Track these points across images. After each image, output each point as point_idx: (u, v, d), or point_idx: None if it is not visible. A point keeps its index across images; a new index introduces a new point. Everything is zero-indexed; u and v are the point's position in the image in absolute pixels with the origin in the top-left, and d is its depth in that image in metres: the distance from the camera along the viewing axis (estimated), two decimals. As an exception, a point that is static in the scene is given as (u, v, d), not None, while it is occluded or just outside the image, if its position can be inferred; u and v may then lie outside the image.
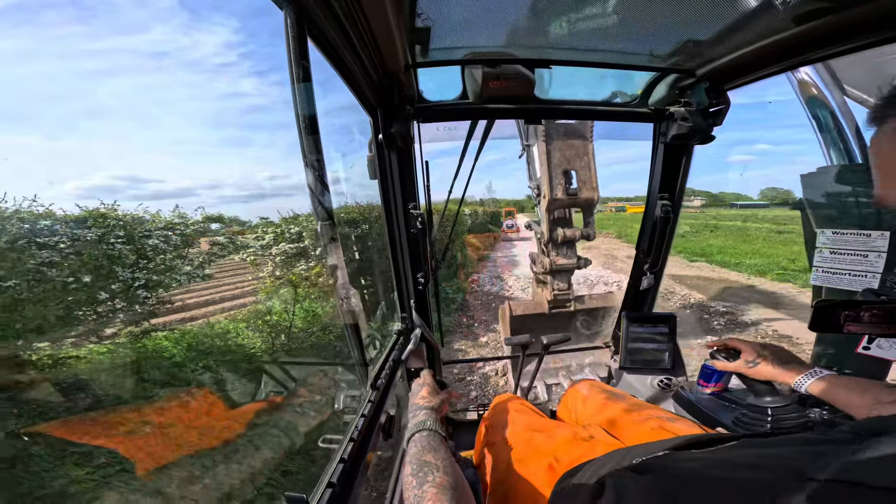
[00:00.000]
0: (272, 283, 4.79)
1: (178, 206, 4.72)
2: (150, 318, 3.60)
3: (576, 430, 0.95)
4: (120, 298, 3.32)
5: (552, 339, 1.74)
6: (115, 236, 3.48)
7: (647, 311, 1.78)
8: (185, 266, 4.35)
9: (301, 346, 4.19)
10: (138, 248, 3.74)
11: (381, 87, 1.10)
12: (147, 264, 3.78)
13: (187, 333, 3.69)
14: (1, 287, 2.54)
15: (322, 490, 0.68)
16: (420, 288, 1.58)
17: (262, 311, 4.47)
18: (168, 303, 4.01)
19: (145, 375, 2.83)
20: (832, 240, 1.35)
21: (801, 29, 0.85)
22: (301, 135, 0.62)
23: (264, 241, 5.10)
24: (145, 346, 3.22)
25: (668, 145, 1.41)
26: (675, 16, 0.91)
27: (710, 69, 1.12)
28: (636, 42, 1.05)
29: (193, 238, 4.68)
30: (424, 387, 0.90)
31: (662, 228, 1.54)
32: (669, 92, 1.29)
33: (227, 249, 5.37)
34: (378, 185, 1.34)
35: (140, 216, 4.09)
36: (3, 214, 2.89)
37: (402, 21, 0.82)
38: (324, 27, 0.71)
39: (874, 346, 1.28)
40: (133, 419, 2.36)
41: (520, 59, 1.13)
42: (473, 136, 1.52)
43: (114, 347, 3.02)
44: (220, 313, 4.72)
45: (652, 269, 1.65)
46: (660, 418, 0.94)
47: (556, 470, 0.79)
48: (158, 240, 4.01)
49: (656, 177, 1.51)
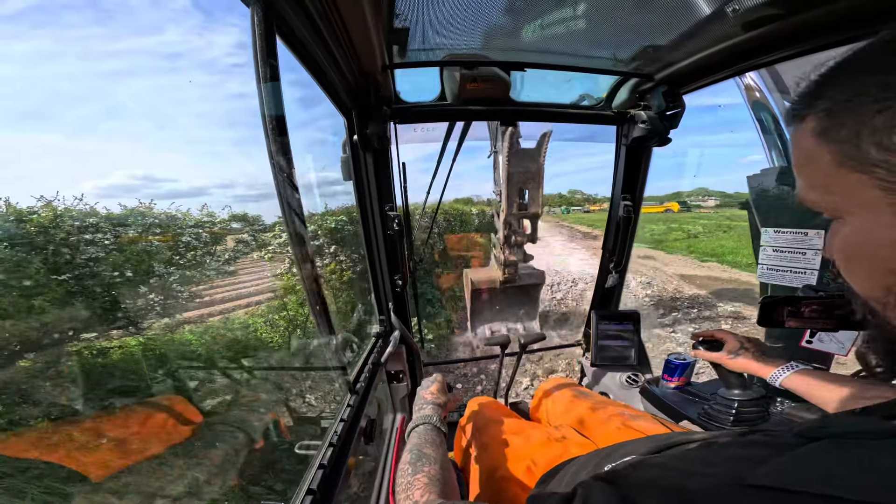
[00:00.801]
0: (289, 279, 4.81)
1: (206, 205, 4.96)
2: (182, 311, 3.71)
3: (549, 432, 0.98)
4: (157, 293, 3.47)
5: (529, 339, 1.78)
6: (152, 233, 3.70)
7: (614, 308, 1.84)
8: (214, 262, 4.58)
9: (299, 346, 4.12)
10: (174, 244, 3.96)
11: (357, 89, 1.09)
12: (179, 260, 3.97)
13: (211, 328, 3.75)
14: (57, 281, 2.66)
15: (302, 497, 0.66)
16: (398, 290, 1.57)
17: (279, 307, 4.50)
18: (198, 297, 4.16)
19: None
20: (774, 238, 1.44)
21: (751, 35, 0.91)
22: (268, 136, 0.60)
23: (282, 239, 5.23)
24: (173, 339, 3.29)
25: (629, 147, 1.46)
26: (637, 22, 0.96)
27: (667, 73, 1.18)
28: (602, 47, 1.10)
29: (221, 235, 4.92)
30: (435, 383, 0.93)
31: (625, 228, 1.58)
32: (631, 95, 1.34)
33: (251, 247, 5.55)
34: (353, 186, 1.32)
35: (173, 214, 4.30)
36: (56, 212, 3.01)
37: (381, 21, 0.81)
38: (295, 26, 0.69)
39: (816, 341, 1.34)
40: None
41: (496, 62, 1.16)
42: (451, 137, 1.54)
43: (145, 340, 3.04)
44: (240, 309, 4.74)
45: (616, 268, 1.70)
46: (622, 415, 0.98)
47: (534, 472, 0.81)
48: (190, 237, 4.24)
49: (619, 178, 1.56)
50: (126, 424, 2.22)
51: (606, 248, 1.72)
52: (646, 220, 33.32)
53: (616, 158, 1.56)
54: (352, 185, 1.33)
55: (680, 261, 12.13)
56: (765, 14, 0.84)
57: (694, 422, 1.14)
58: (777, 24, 0.86)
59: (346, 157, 1.27)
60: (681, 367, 1.34)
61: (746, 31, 0.91)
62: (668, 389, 1.35)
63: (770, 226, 1.50)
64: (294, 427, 2.61)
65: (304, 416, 2.89)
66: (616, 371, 1.67)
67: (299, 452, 0.81)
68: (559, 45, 1.08)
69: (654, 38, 1.02)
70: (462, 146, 1.63)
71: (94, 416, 2.14)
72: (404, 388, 1.69)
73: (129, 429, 2.18)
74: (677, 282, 8.97)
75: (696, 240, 17.96)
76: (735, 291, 7.93)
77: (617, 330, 1.69)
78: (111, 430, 2.11)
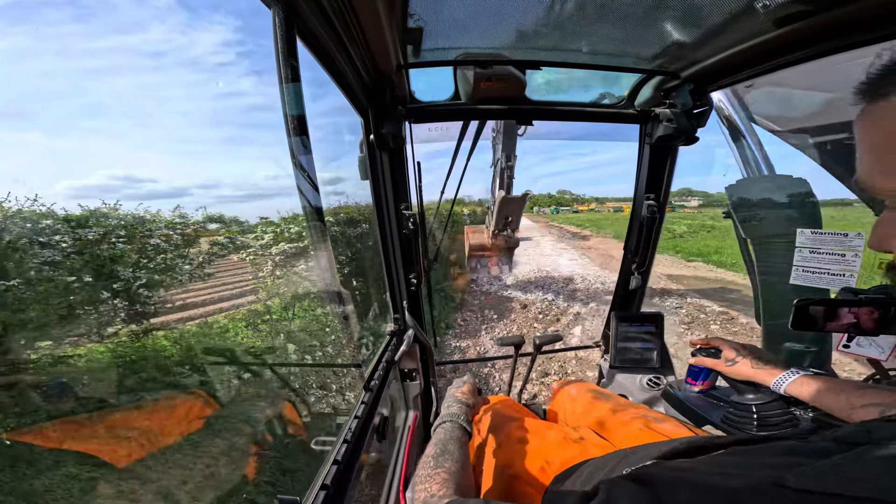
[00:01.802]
0: (272, 282, 4.78)
1: (178, 206, 4.82)
2: (150, 317, 3.61)
3: (566, 432, 0.97)
4: (121, 297, 3.35)
5: (544, 340, 1.76)
6: (115, 235, 3.52)
7: (636, 310, 1.80)
8: (186, 265, 4.39)
9: (298, 345, 4.15)
10: (139, 247, 3.80)
11: (373, 88, 1.10)
12: (148, 263, 3.81)
13: (186, 333, 3.69)
14: (4, 286, 2.52)
15: (316, 492, 0.68)
16: (413, 289, 1.57)
17: (261, 311, 4.45)
18: (168, 302, 4.04)
19: (144, 374, 2.79)
20: (811, 239, 1.39)
21: (782, 32, 0.87)
22: (289, 136, 0.61)
23: (263, 241, 5.14)
24: (145, 345, 3.21)
25: (653, 146, 1.43)
26: (661, 19, 0.93)
27: (693, 71, 1.14)
28: (623, 44, 1.07)
29: (193, 237, 4.74)
30: (466, 384, 0.95)
31: (649, 228, 1.55)
32: (655, 94, 1.31)
33: (227, 249, 5.42)
34: (370, 185, 1.33)
35: (141, 215, 4.17)
36: (6, 214, 2.90)
37: (394, 21, 0.82)
38: (314, 27, 0.70)
39: (854, 345, 1.30)
40: (123, 420, 2.32)
41: (511, 61, 1.14)
42: (465, 136, 1.53)
43: (113, 346, 3.01)
44: (219, 313, 4.69)
45: (639, 269, 1.66)
46: (645, 418, 0.96)
47: (548, 472, 0.80)
48: (159, 239, 4.07)
49: (642, 177, 1.53)
50: (139, 421, 2.29)
51: (629, 249, 1.68)
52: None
53: (639, 157, 1.52)
54: (368, 185, 1.34)
55: (667, 260, 12.65)
56: (797, 10, 0.80)
57: (717, 426, 1.11)
58: (810, 21, 0.82)
59: (363, 156, 1.29)
60: (705, 370, 1.30)
61: (778, 28, 0.87)
62: (692, 393, 1.31)
63: (752, 232, 1.57)
64: (312, 423, 2.67)
65: (322, 412, 2.94)
66: (636, 373, 1.64)
67: (315, 448, 0.83)
68: (578, 43, 1.06)
69: (679, 35, 0.99)
70: (476, 145, 1.63)
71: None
72: (417, 387, 1.70)
73: (140, 425, 2.24)
74: (665, 282, 9.18)
75: (681, 240, 18.37)
76: (722, 291, 8.12)
77: (638, 332, 1.66)
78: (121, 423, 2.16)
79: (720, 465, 0.37)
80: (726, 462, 0.39)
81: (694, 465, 0.41)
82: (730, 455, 0.44)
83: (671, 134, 1.30)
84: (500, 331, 5.78)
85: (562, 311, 6.74)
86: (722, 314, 6.46)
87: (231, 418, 2.61)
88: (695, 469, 0.38)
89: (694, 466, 0.40)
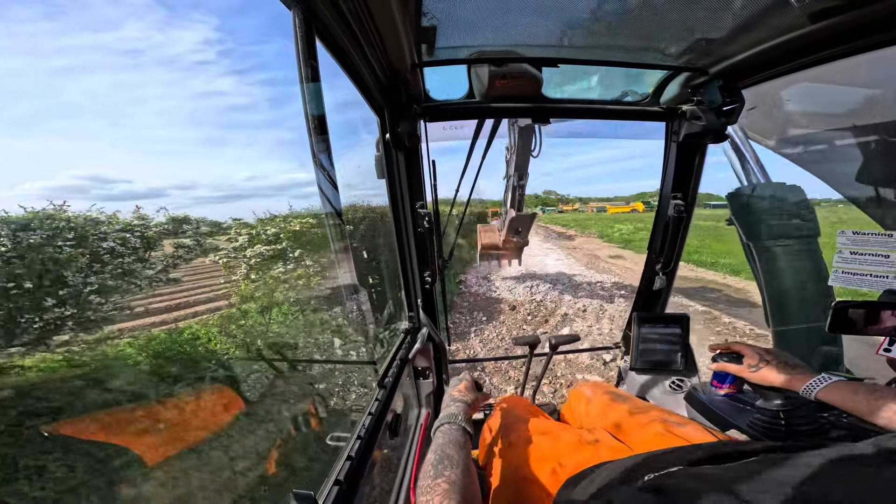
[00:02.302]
0: (246, 286, 4.62)
1: (138, 208, 4.48)
2: (104, 324, 3.35)
3: (580, 434, 0.95)
4: (70, 305, 3.09)
5: (560, 340, 1.73)
6: (63, 238, 3.27)
7: (660, 311, 1.76)
8: (147, 270, 4.13)
9: (279, 347, 4.05)
10: (92, 251, 3.51)
11: (388, 87, 1.11)
12: (102, 268, 3.55)
13: (153, 339, 3.45)
14: None
15: (329, 487, 0.69)
16: (427, 287, 1.58)
17: (236, 316, 4.28)
18: (127, 308, 3.76)
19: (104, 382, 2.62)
20: (853, 240, 1.33)
21: (818, 27, 0.83)
22: (310, 135, 0.62)
23: (238, 244, 4.86)
24: (104, 353, 3.08)
25: (680, 144, 1.39)
26: (687, 14, 0.90)
27: (723, 67, 1.10)
28: (647, 40, 1.04)
29: (156, 240, 4.43)
30: (463, 381, 0.93)
31: (675, 228, 1.51)
32: (681, 90, 1.27)
33: (194, 252, 5.08)
34: (385, 184, 1.34)
35: (94, 217, 3.80)
36: None
37: (408, 20, 0.82)
38: (331, 27, 0.71)
39: (895, 349, 1.24)
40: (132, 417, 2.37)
41: (527, 58, 1.12)
42: (480, 135, 1.52)
43: (61, 356, 2.83)
44: (191, 318, 4.44)
45: (664, 270, 1.62)
46: (665, 421, 0.92)
47: (560, 474, 0.78)
48: (115, 242, 3.77)
49: (669, 176, 1.48)
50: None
51: (653, 249, 1.64)
52: (614, 220, 33.70)
53: (665, 156, 1.48)
54: (384, 183, 1.35)
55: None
56: (834, 4, 0.76)
57: (743, 431, 1.07)
58: (847, 16, 0.78)
59: (379, 155, 1.30)
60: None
61: (813, 23, 0.83)
62: (717, 396, 1.26)
63: (753, 238, 1.64)
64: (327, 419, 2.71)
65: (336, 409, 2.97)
66: (658, 375, 1.60)
67: (330, 443, 0.84)
68: (597, 39, 1.04)
69: (706, 31, 0.96)
70: (491, 143, 1.61)
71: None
72: (430, 385, 1.70)
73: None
74: None
75: None
76: (703, 290, 8.14)
77: (661, 334, 1.61)
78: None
79: (755, 476, 0.34)
80: (761, 472, 0.36)
81: (723, 474, 0.38)
82: (762, 463, 0.41)
83: (699, 131, 1.25)
84: (489, 333, 5.70)
85: (550, 311, 6.69)
86: (705, 313, 6.38)
87: (247, 417, 2.66)
88: (725, 478, 0.36)
89: (723, 475, 0.38)
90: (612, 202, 79.68)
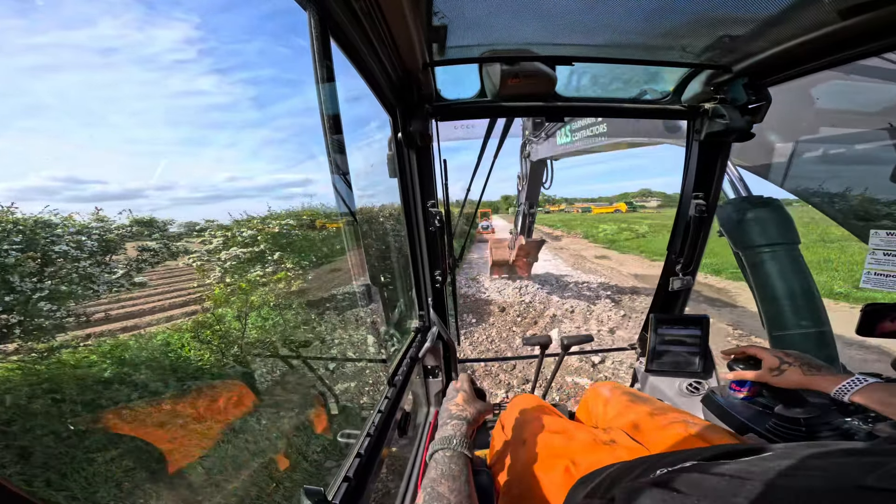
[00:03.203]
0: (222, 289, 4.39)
1: (98, 209, 4.16)
2: (57, 331, 3.19)
3: (596, 434, 0.93)
4: (17, 312, 2.95)
5: (572, 340, 1.71)
6: (9, 242, 3.08)
7: (679, 312, 1.72)
8: (106, 274, 3.86)
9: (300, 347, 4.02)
10: (42, 255, 3.28)
11: (400, 86, 1.11)
12: (55, 272, 3.34)
13: (116, 346, 3.34)
14: None
15: (339, 483, 0.69)
16: (438, 286, 1.58)
17: (207, 322, 4.01)
18: (82, 315, 3.57)
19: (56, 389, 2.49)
20: (887, 241, 1.28)
21: (847, 24, 0.80)
22: (326, 134, 0.63)
23: (212, 246, 4.60)
24: (60, 360, 2.95)
25: (702, 143, 1.35)
26: (708, 10, 0.87)
27: (748, 64, 1.06)
28: (667, 37, 1.01)
29: (117, 242, 4.14)
30: (461, 393, 0.81)
31: (696, 228, 1.47)
32: (704, 88, 1.23)
33: (161, 255, 4.75)
34: (398, 183, 1.34)
35: (48, 220, 3.57)
36: None
37: (420, 19, 0.81)
38: (345, 27, 0.72)
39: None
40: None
41: (539, 57, 1.11)
42: (493, 134, 1.51)
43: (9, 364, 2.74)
44: (156, 324, 4.26)
45: (685, 271, 1.58)
46: (686, 423, 0.90)
47: (573, 473, 0.77)
48: (69, 246, 3.54)
49: (690, 175, 1.45)
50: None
51: (672, 250, 1.60)
52: (598, 221, 33.67)
53: (687, 154, 1.45)
54: (396, 182, 1.35)
55: (633, 260, 13.21)
56: (865, 0, 0.72)
57: (761, 435, 1.04)
58: (879, 12, 0.75)
59: (391, 154, 1.30)
60: None
61: (843, 19, 0.79)
62: (736, 399, 1.23)
63: (740, 246, 1.74)
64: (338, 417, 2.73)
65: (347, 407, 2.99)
66: (674, 377, 1.57)
67: (340, 441, 0.85)
68: (613, 36, 1.01)
69: (729, 28, 0.92)
70: (503, 143, 1.59)
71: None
72: (439, 384, 1.71)
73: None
74: (633, 281, 9.39)
75: (644, 239, 18.59)
76: None
77: (679, 335, 1.58)
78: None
79: (778, 468, 0.33)
80: (783, 465, 0.35)
81: (743, 468, 0.37)
82: (784, 458, 0.39)
83: (722, 130, 1.22)
84: (478, 336, 5.63)
85: (539, 313, 6.63)
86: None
87: (259, 415, 2.68)
88: (746, 472, 0.35)
89: (744, 468, 0.36)
90: (596, 203, 79.91)
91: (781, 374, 0.89)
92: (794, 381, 0.87)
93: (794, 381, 0.87)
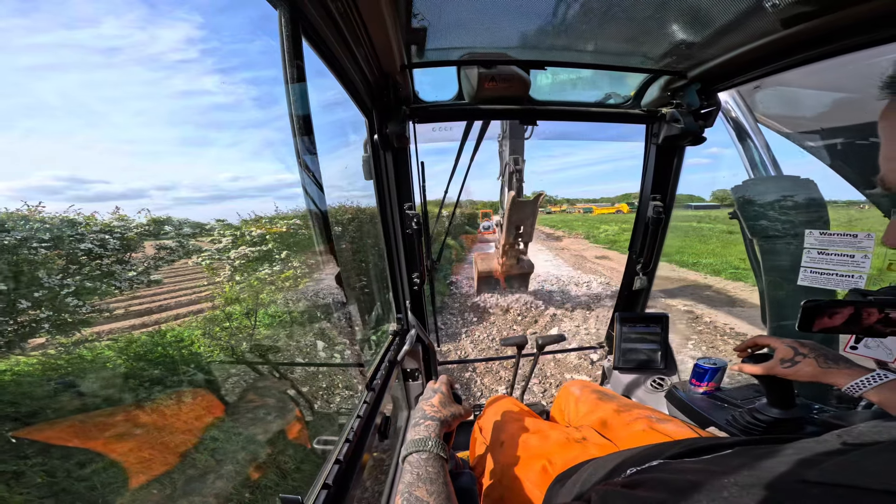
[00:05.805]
0: (230, 287, 4.52)
1: (118, 209, 4.26)
2: (82, 326, 3.27)
3: (568, 432, 0.96)
4: (45, 307, 3.04)
5: (547, 340, 1.75)
6: (37, 240, 3.20)
7: (640, 311, 1.80)
8: (128, 271, 4.01)
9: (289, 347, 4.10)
10: (68, 252, 3.43)
11: (377, 88, 1.10)
12: (80, 270, 3.48)
13: (134, 341, 3.37)
14: None
15: (317, 491, 0.68)
16: (415, 288, 1.57)
17: (220, 318, 4.18)
18: (105, 310, 3.67)
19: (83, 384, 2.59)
20: (820, 240, 1.38)
21: (790, 32, 0.87)
22: (295, 136, 0.62)
23: (221, 245, 4.71)
24: (80, 356, 3.00)
25: (660, 146, 1.42)
26: (668, 18, 0.92)
27: (701, 71, 1.14)
28: (630, 44, 1.06)
29: (136, 241, 4.27)
30: (437, 394, 0.79)
31: (654, 229, 1.55)
32: (661, 93, 1.30)
33: (177, 253, 4.86)
34: (373, 185, 1.33)
35: (71, 219, 3.69)
36: None
37: (398, 22, 0.82)
38: (319, 27, 0.71)
39: (861, 346, 1.28)
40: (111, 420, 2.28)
41: (515, 60, 1.14)
42: (469, 136, 1.53)
43: (36, 359, 2.78)
44: (173, 320, 4.41)
45: (644, 270, 1.66)
46: (649, 419, 0.95)
47: (550, 472, 0.79)
48: (93, 244, 3.68)
49: (648, 178, 1.52)
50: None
51: (633, 250, 1.67)
52: (600, 221, 34.67)
53: (645, 158, 1.52)
54: (372, 184, 1.34)
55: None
56: (805, 10, 0.79)
57: (721, 428, 1.10)
58: (818, 21, 0.82)
59: (367, 156, 1.29)
60: (710, 371, 1.30)
61: (786, 28, 0.86)
62: (696, 394, 1.30)
63: (758, 233, 1.58)
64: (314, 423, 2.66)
65: (323, 412, 2.93)
66: (640, 374, 1.63)
67: (317, 447, 0.82)
68: (583, 42, 1.06)
69: (686, 35, 0.98)
70: (480, 145, 1.62)
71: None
72: (419, 387, 1.70)
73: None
74: None
75: None
76: (685, 290, 8.50)
77: (643, 333, 1.65)
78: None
79: (733, 465, 0.36)
80: (738, 462, 0.38)
81: (703, 466, 0.40)
82: (739, 456, 0.43)
83: (678, 134, 1.29)
84: (479, 334, 5.74)
85: (539, 312, 6.76)
86: (687, 313, 6.57)
87: (228, 420, 2.59)
88: (706, 470, 0.37)
89: (704, 467, 0.39)
90: (598, 203, 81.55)
91: (794, 365, 0.83)
92: (807, 374, 0.81)
93: (807, 373, 0.81)
